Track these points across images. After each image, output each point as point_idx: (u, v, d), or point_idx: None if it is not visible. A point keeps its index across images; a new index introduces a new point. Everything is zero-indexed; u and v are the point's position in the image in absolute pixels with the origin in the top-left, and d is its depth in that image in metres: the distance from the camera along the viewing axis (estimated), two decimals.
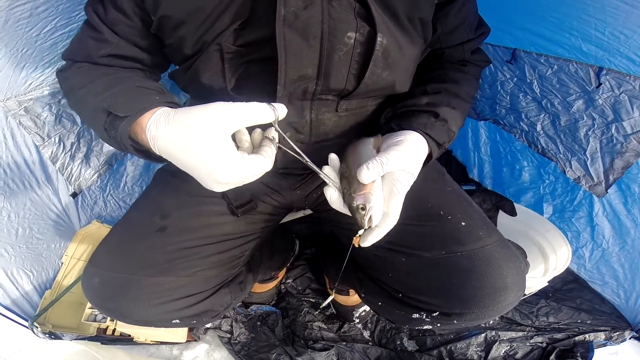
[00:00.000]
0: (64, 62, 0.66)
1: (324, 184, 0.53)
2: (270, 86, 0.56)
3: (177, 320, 0.65)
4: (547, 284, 1.14)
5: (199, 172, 0.46)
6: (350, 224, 0.57)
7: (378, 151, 0.56)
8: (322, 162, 0.54)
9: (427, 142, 0.57)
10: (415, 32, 0.58)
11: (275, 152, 0.50)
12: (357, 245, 0.53)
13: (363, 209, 0.48)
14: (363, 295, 0.76)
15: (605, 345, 1.06)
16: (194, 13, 0.53)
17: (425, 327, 0.65)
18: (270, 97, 0.57)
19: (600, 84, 0.93)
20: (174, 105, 0.51)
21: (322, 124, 0.63)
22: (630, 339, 1.07)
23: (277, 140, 0.51)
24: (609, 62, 0.90)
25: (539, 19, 0.98)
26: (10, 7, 0.68)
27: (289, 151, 0.50)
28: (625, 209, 1.02)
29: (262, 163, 0.47)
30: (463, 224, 0.61)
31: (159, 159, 0.50)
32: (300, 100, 0.59)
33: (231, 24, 0.53)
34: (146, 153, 0.51)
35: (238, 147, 0.49)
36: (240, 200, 0.68)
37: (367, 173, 0.49)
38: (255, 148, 0.51)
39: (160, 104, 0.50)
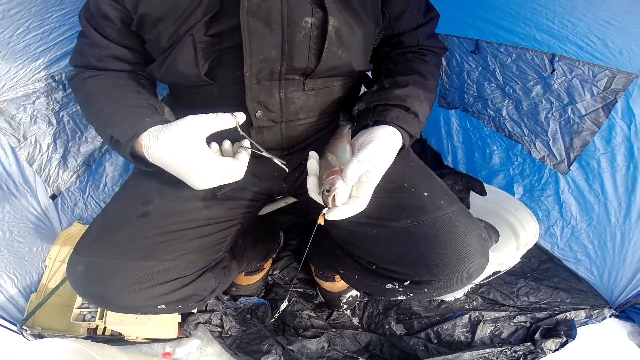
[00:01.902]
0: (51, 65, 0.77)
1: (302, 168, 0.62)
2: (239, 70, 0.63)
3: (163, 306, 0.68)
4: (520, 259, 1.23)
5: (184, 172, 0.60)
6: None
7: (352, 145, 0.65)
8: (294, 140, 0.66)
9: (402, 134, 0.64)
10: (365, 13, 0.65)
11: (249, 157, 0.64)
12: (321, 223, 0.60)
13: (328, 191, 0.57)
14: (341, 271, 0.81)
15: (587, 324, 1.12)
16: (170, 10, 0.60)
17: (399, 298, 0.71)
18: (239, 80, 0.64)
19: (554, 70, 1.03)
20: (162, 121, 0.63)
21: (292, 102, 0.69)
22: (610, 317, 1.14)
23: (249, 147, 0.65)
24: (561, 49, 1.00)
25: (498, 11, 1.07)
26: None
27: (258, 152, 0.64)
28: (587, 185, 1.11)
29: (235, 163, 0.62)
30: (426, 194, 0.67)
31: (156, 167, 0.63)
32: (268, 80, 0.65)
33: (202, 17, 0.60)
34: (147, 163, 0.63)
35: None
36: (221, 187, 0.72)
37: (352, 173, 0.57)
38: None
39: (149, 125, 0.61)
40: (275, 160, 0.66)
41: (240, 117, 0.62)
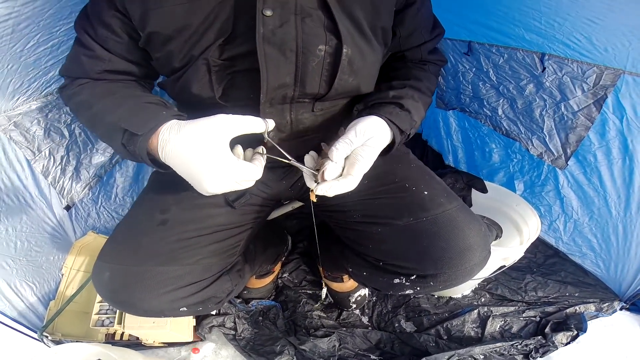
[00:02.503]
0: (62, 79, 0.73)
1: (304, 172, 0.64)
2: (253, 93, 0.65)
3: (185, 308, 0.70)
4: (526, 255, 1.26)
5: (198, 173, 0.55)
6: (335, 205, 0.68)
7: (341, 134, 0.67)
8: (301, 154, 0.66)
9: (391, 128, 0.66)
10: (376, 39, 0.68)
11: (264, 163, 0.62)
12: (313, 200, 0.63)
13: (318, 170, 0.62)
14: (350, 269, 0.84)
15: (597, 317, 1.14)
16: (181, 30, 0.60)
17: (407, 292, 0.74)
18: (253, 103, 0.66)
19: (544, 68, 1.08)
20: (181, 117, 0.60)
21: (301, 122, 0.73)
22: (621, 309, 1.15)
23: (265, 153, 0.64)
24: (549, 48, 1.04)
25: (488, 13, 1.13)
26: None
27: (278, 158, 0.63)
28: (586, 179, 1.15)
29: (253, 168, 0.58)
30: (426, 193, 0.72)
31: (166, 167, 0.59)
32: (280, 104, 0.68)
33: (215, 40, 0.60)
34: (159, 163, 0.60)
35: None
36: (235, 194, 0.77)
37: (337, 152, 0.60)
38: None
39: (169, 118, 0.58)
40: (301, 166, 0.65)
41: (271, 123, 0.61)
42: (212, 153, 0.54)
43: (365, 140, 0.63)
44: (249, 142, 0.64)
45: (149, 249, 0.68)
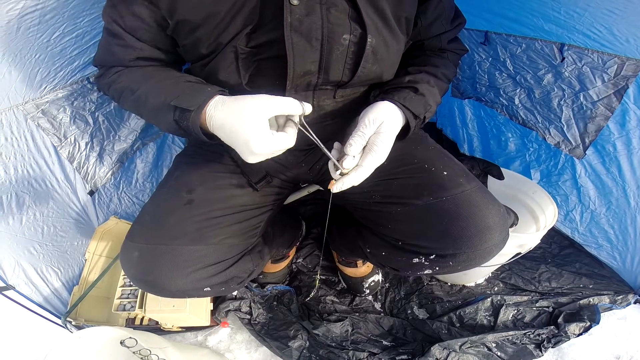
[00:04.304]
0: (87, 67, 0.78)
1: (326, 158, 0.67)
2: (278, 80, 0.68)
3: (208, 288, 0.75)
4: (541, 245, 1.28)
5: (241, 144, 0.59)
6: (351, 193, 0.71)
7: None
8: (320, 139, 0.68)
9: (404, 112, 0.69)
10: (400, 29, 0.71)
11: (296, 132, 0.64)
12: (332, 190, 0.67)
13: (338, 160, 0.65)
14: (368, 250, 0.88)
15: (611, 309, 1.15)
16: (209, 17, 0.63)
17: (425, 272, 0.77)
18: (278, 89, 0.69)
19: (563, 59, 1.09)
20: (223, 92, 0.64)
21: (322, 109, 0.76)
22: (635, 303, 1.16)
23: (298, 123, 0.65)
24: (569, 38, 1.05)
25: (505, 2, 1.13)
26: (21, 15, 0.78)
27: (307, 133, 0.65)
28: (605, 168, 1.16)
29: (287, 138, 0.61)
30: (445, 173, 0.74)
31: (212, 137, 0.63)
32: (304, 91, 0.72)
33: (243, 27, 0.63)
34: (208, 135, 0.64)
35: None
36: (257, 177, 0.81)
37: (352, 147, 0.64)
38: (279, 129, 0.65)
39: (214, 93, 0.62)
40: (328, 154, 0.67)
41: (307, 107, 0.63)
42: (252, 128, 0.58)
43: (377, 127, 0.66)
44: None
45: (177, 228, 0.72)
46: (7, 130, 0.86)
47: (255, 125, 0.58)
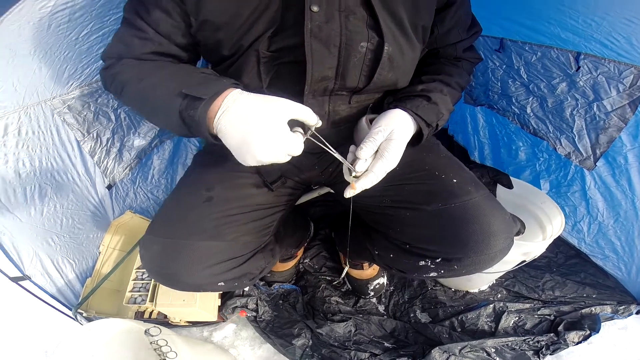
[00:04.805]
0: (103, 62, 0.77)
1: (338, 161, 0.70)
2: (296, 85, 0.71)
3: (222, 283, 0.78)
4: (547, 255, 1.29)
5: (253, 141, 0.59)
6: (363, 197, 0.74)
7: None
8: (333, 143, 0.71)
9: (417, 120, 0.72)
10: (416, 37, 0.73)
11: (304, 139, 0.66)
12: (346, 196, 0.70)
13: (352, 163, 0.69)
14: (376, 252, 0.91)
15: (612, 319, 1.17)
16: (232, 18, 0.66)
17: (431, 274, 0.80)
18: (296, 93, 0.72)
19: (579, 68, 1.10)
20: (238, 85, 0.65)
21: (337, 114, 0.79)
22: (637, 313, 1.17)
23: (309, 134, 0.67)
24: (585, 47, 1.06)
25: (522, 10, 1.15)
26: (52, 12, 0.81)
27: (319, 143, 0.68)
28: (614, 181, 1.17)
29: (299, 143, 0.62)
30: (455, 181, 0.76)
31: (214, 137, 0.63)
32: (321, 96, 0.75)
33: (264, 31, 0.66)
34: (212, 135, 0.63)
35: None
36: (272, 177, 0.85)
37: (364, 151, 0.67)
38: None
39: (231, 85, 0.62)
40: (342, 159, 0.70)
41: (319, 121, 0.65)
42: (274, 125, 0.59)
43: (389, 134, 0.69)
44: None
45: (196, 224, 0.75)
46: (34, 124, 0.90)
47: (276, 123, 0.59)
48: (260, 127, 0.59)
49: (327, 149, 0.67)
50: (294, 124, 0.65)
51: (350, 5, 0.66)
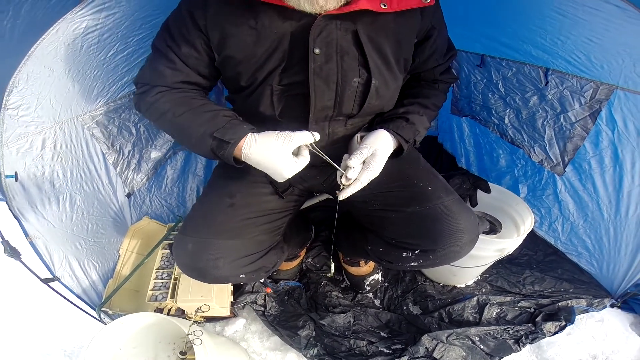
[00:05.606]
0: (134, 86, 0.89)
1: (335, 173, 0.87)
2: (302, 114, 0.87)
3: (243, 275, 0.94)
4: (527, 252, 1.43)
5: (274, 172, 0.80)
6: (359, 196, 0.89)
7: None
8: (332, 157, 0.85)
9: (397, 138, 0.88)
10: (399, 69, 0.89)
11: (309, 153, 0.84)
12: (339, 198, 0.87)
13: (341, 176, 0.85)
14: (369, 247, 1.07)
15: (587, 311, 1.28)
16: (249, 56, 0.81)
17: (412, 264, 0.97)
18: (303, 120, 0.87)
19: (547, 82, 1.23)
20: (253, 130, 0.81)
21: (335, 134, 0.94)
22: (612, 306, 1.29)
23: (310, 147, 0.84)
24: (553, 63, 1.19)
25: (500, 29, 1.29)
26: (84, 34, 0.90)
27: (319, 153, 0.84)
28: (581, 185, 1.30)
29: (304, 160, 0.81)
30: (429, 188, 0.94)
31: (240, 162, 0.82)
32: (322, 121, 0.90)
33: (275, 67, 0.81)
34: (237, 161, 0.81)
35: None
36: (283, 187, 1.01)
37: (353, 161, 0.83)
38: (298, 151, 0.84)
39: (248, 130, 0.80)
40: (337, 167, 0.86)
41: (316, 135, 0.82)
42: (282, 160, 0.78)
43: (373, 150, 0.85)
44: None
45: (222, 225, 0.92)
46: (67, 138, 1.03)
47: (283, 158, 0.78)
48: (273, 162, 0.78)
49: (324, 158, 0.83)
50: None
51: (344, 47, 0.80)
